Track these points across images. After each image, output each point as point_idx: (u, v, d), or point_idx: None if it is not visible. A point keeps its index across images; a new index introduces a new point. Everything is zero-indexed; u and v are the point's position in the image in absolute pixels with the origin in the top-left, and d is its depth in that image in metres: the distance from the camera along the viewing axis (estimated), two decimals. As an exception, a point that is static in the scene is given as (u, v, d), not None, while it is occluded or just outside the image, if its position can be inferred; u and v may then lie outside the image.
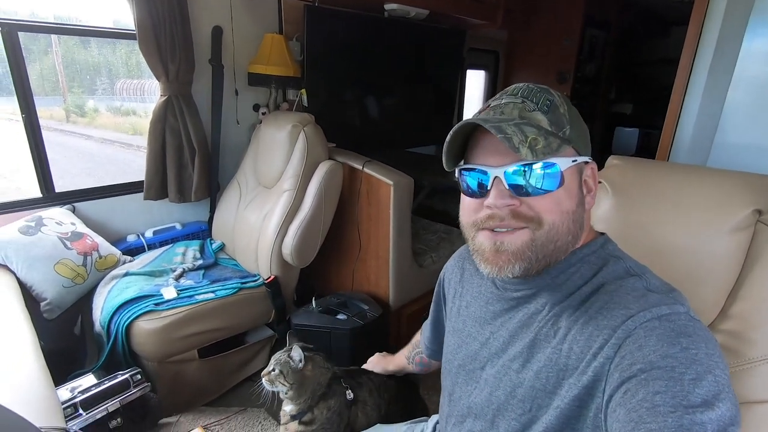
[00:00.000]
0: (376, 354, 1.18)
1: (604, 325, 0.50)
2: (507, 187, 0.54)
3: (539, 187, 0.53)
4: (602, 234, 0.62)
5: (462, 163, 0.60)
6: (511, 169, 0.53)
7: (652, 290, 0.53)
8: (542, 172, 0.53)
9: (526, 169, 0.53)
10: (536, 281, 0.60)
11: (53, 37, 2.08)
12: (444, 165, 0.59)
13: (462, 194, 0.61)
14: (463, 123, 0.55)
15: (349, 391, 1.04)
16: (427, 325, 0.93)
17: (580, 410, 0.51)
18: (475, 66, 3.72)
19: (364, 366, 1.16)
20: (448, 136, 0.56)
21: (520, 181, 0.53)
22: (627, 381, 0.45)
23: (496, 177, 0.54)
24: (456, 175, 0.60)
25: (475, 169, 0.56)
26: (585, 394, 0.50)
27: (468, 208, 0.59)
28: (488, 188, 0.55)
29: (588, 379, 0.50)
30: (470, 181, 0.57)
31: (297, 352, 1.04)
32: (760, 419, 0.65)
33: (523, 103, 0.56)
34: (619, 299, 0.52)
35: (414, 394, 1.22)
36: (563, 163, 0.54)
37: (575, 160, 0.56)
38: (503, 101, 0.58)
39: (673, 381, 0.42)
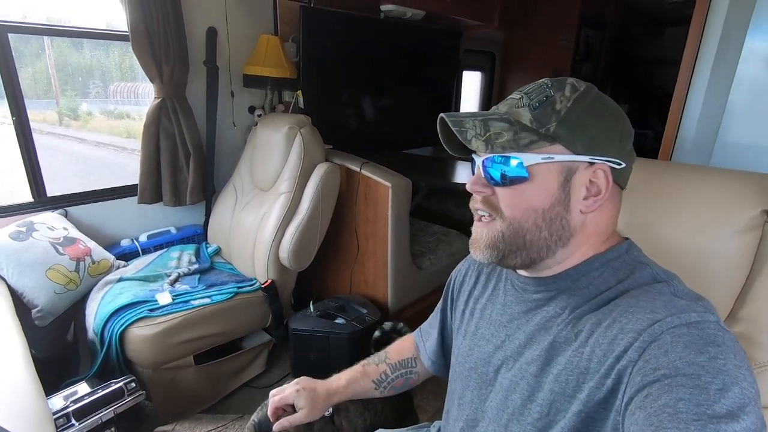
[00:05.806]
0: (292, 389, 0.81)
1: (629, 328, 0.49)
2: (483, 175, 0.58)
3: (504, 178, 0.56)
4: (626, 239, 0.61)
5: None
6: (485, 158, 0.58)
7: (679, 296, 0.51)
8: (507, 165, 0.55)
9: (496, 160, 0.56)
10: (556, 284, 0.59)
11: (46, 40, 2.06)
12: (449, 152, 0.65)
13: None
14: (439, 117, 0.59)
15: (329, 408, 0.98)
16: (431, 338, 0.87)
17: (605, 413, 0.50)
18: (472, 67, 3.72)
19: (271, 416, 0.82)
20: (438, 128, 0.62)
21: (490, 171, 0.57)
22: (650, 385, 0.44)
23: (478, 166, 0.60)
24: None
25: (471, 157, 0.63)
26: (609, 396, 0.49)
27: None
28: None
29: (612, 381, 0.49)
30: (472, 166, 0.63)
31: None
32: (771, 425, 0.64)
33: (520, 99, 0.57)
34: (645, 303, 0.50)
35: (405, 403, 1.16)
36: (528, 158, 0.54)
37: (551, 158, 0.54)
38: (510, 96, 0.60)
39: (699, 389, 0.41)
